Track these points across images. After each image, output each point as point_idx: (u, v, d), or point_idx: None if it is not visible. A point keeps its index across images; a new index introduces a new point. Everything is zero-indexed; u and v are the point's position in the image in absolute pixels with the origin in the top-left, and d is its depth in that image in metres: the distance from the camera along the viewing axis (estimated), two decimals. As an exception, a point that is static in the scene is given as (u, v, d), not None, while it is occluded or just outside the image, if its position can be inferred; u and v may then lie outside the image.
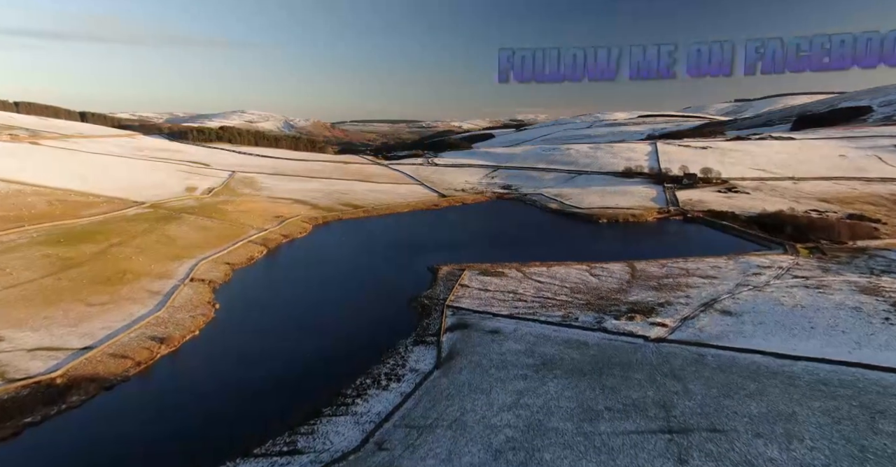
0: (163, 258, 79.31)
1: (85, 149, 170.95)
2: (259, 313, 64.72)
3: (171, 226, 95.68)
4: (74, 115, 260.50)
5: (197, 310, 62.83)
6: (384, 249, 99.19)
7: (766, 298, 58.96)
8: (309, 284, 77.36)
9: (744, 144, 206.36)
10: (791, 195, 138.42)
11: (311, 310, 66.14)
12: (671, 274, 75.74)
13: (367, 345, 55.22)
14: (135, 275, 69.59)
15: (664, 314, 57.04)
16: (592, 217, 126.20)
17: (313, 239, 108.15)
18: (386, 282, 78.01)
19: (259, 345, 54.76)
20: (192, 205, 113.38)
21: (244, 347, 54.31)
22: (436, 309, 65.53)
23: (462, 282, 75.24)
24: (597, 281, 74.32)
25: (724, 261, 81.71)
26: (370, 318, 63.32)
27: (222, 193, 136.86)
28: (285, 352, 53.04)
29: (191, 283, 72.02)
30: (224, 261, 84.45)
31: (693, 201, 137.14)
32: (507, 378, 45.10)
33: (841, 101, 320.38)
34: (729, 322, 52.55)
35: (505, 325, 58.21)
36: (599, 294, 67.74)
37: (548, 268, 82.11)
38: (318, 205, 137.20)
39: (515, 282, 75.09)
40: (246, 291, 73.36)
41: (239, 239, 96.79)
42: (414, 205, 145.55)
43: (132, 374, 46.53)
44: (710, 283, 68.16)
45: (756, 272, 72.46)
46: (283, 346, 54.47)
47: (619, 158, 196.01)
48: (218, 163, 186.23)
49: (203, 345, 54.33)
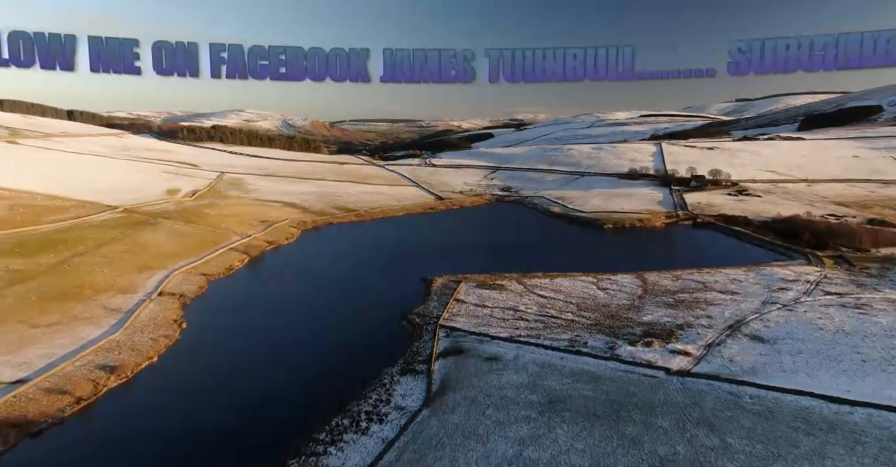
0: (130, 269, 72.54)
1: (66, 148, 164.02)
2: (230, 334, 57.92)
3: (144, 232, 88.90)
4: (62, 113, 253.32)
5: (160, 330, 56.05)
6: (375, 257, 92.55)
7: (800, 320, 52.22)
8: (290, 298, 70.60)
9: (752, 145, 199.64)
10: (805, 198, 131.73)
11: (289, 330, 59.35)
12: (687, 288, 69.02)
13: (348, 374, 48.59)
14: (94, 291, 62.79)
15: (685, 339, 50.30)
16: (597, 222, 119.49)
17: (300, 246, 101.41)
18: (375, 296, 71.32)
19: (224, 375, 48.03)
20: (172, 210, 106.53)
21: (207, 377, 47.56)
22: (428, 329, 58.83)
23: (458, 297, 68.55)
24: (605, 296, 67.59)
25: (744, 272, 75.00)
26: (355, 340, 56.62)
27: (207, 196, 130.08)
28: (254, 384, 46.32)
29: (158, 298, 65.24)
30: (200, 272, 77.69)
31: (702, 205, 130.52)
32: (507, 421, 38.36)
33: (848, 100, 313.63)
34: (762, 351, 45.80)
35: (504, 351, 51.49)
36: (609, 312, 60.99)
37: (551, 280, 75.44)
38: (308, 208, 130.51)
39: (516, 296, 68.38)
40: (219, 307, 66.58)
41: (219, 246, 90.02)
42: (409, 209, 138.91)
43: (68, 415, 39.71)
44: (733, 300, 61.41)
45: (782, 287, 65.73)
46: (252, 376, 47.75)
47: (622, 159, 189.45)
48: (206, 164, 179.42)
49: (159, 375, 47.55)
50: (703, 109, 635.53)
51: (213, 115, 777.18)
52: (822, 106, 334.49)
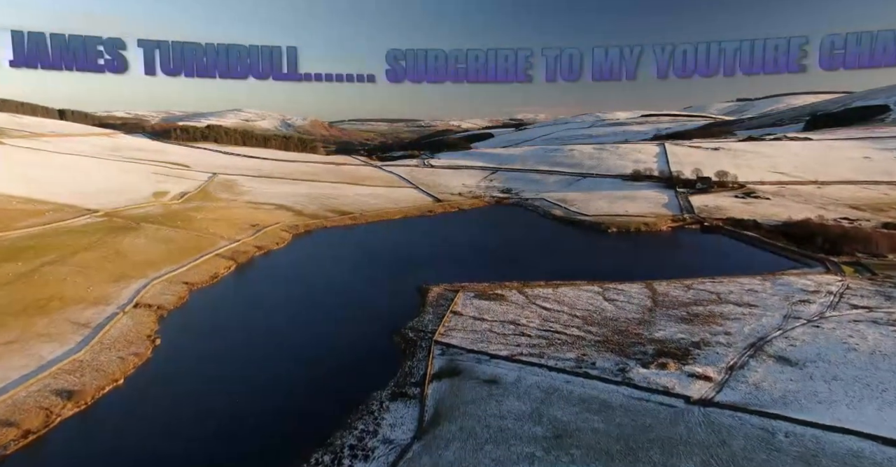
0: (105, 278, 67.97)
1: (53, 148, 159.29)
2: (206, 351, 53.36)
3: (125, 238, 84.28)
4: (53, 112, 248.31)
5: (130, 347, 51.50)
6: (369, 264, 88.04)
7: (829, 339, 47.70)
8: (275, 309, 66.03)
9: (758, 145, 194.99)
10: (816, 201, 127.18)
11: (272, 346, 54.80)
12: (700, 299, 64.46)
13: (334, 398, 44.18)
14: (62, 303, 58.22)
15: (703, 359, 45.74)
16: (601, 226, 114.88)
17: (291, 251, 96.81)
18: (367, 307, 66.83)
19: (194, 401, 43.52)
20: (157, 213, 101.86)
21: (176, 404, 43.01)
22: (422, 345, 54.32)
23: (454, 309, 64.03)
24: (612, 308, 63.04)
25: (760, 282, 70.45)
26: (343, 358, 52.14)
27: (196, 198, 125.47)
28: (228, 411, 41.78)
29: (133, 311, 60.69)
30: (181, 281, 73.13)
31: (709, 208, 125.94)
32: (508, 459, 33.86)
33: (853, 100, 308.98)
34: (791, 375, 41.25)
35: (505, 372, 46.97)
36: (617, 327, 56.44)
37: (554, 290, 70.92)
38: (301, 211, 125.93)
39: (517, 308, 63.85)
40: (199, 320, 62.02)
41: (204, 252, 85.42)
42: (406, 212, 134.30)
43: (11, 452, 35.14)
44: (751, 314, 56.84)
45: (803, 299, 61.17)
46: (228, 401, 43.19)
47: (626, 160, 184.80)
48: (199, 165, 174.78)
49: (123, 401, 42.98)
50: (704, 109, 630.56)
51: (212, 114, 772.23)
52: (826, 105, 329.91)
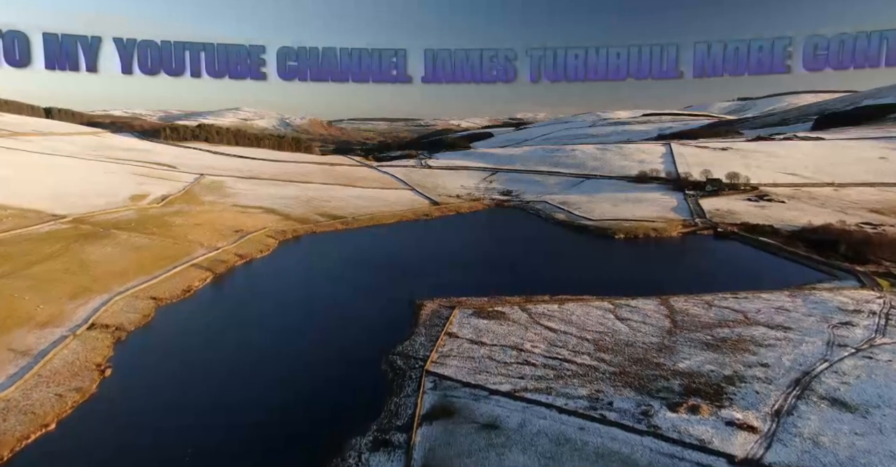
0: (62, 294, 61.08)
1: (33, 148, 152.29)
2: (165, 383, 46.52)
3: (92, 247, 77.38)
4: (39, 110, 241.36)
5: (73, 381, 44.62)
6: (358, 274, 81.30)
7: (890, 376, 40.85)
8: (249, 330, 59.12)
9: (768, 145, 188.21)
10: (835, 204, 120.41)
11: (239, 377, 47.92)
12: (724, 319, 57.61)
13: (304, 446, 37.41)
14: (4, 325, 51.29)
15: (741, 401, 38.87)
16: (607, 231, 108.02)
17: (275, 260, 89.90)
18: (352, 326, 60.01)
19: (137, 451, 36.60)
20: (131, 218, 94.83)
21: (118, 457, 36.13)
22: (411, 376, 47.52)
23: (450, 330, 57.23)
24: (626, 329, 56.20)
25: (789, 298, 63.63)
26: (321, 392, 45.45)
27: (178, 202, 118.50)
28: (175, 465, 34.95)
29: (86, 334, 53.78)
30: (149, 295, 66.27)
31: (721, 212, 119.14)
32: (511, 542, 27.00)
33: (862, 98, 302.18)
34: (855, 426, 34.37)
35: (507, 413, 40.13)
36: (634, 354, 49.60)
37: (559, 307, 64.10)
38: (290, 215, 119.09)
39: (519, 328, 57.02)
40: (162, 343, 55.14)
41: (179, 262, 78.58)
42: (401, 215, 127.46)
43: None
44: (787, 340, 49.97)
45: (843, 321, 54.29)
46: (176, 452, 36.35)
47: (630, 160, 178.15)
48: (186, 165, 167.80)
49: (48, 455, 36.05)
50: (705, 108, 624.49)
51: (210, 113, 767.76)
52: (833, 104, 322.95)
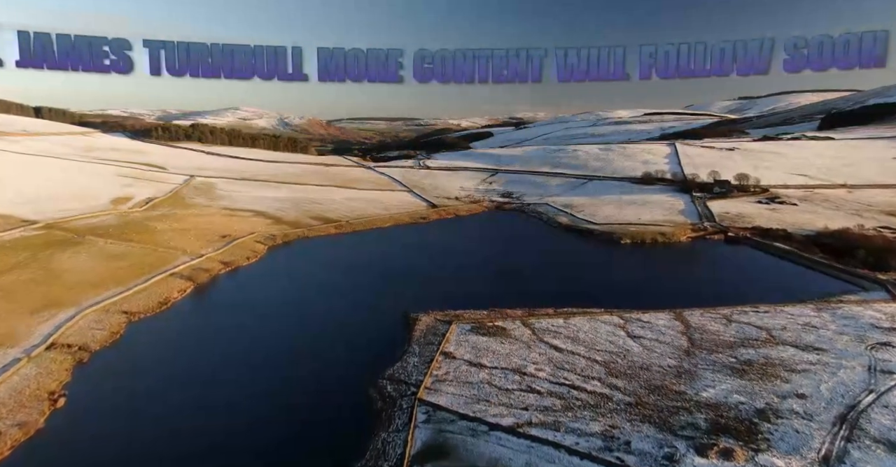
0: (23, 309, 56.10)
1: (17, 149, 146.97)
2: (123, 414, 41.46)
3: (63, 255, 72.35)
4: (28, 110, 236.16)
5: (18, 414, 39.57)
6: (349, 283, 76.48)
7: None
8: (226, 348, 54.15)
9: (776, 145, 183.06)
10: (849, 207, 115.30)
11: (207, 408, 42.86)
12: (747, 337, 52.56)
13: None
14: (-50, 347, 46.22)
15: (780, 442, 33.80)
16: (612, 236, 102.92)
17: (262, 267, 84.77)
18: (340, 345, 55.11)
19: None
20: (110, 224, 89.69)
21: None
22: (402, 405, 42.53)
23: (446, 349, 52.25)
24: (639, 349, 51.15)
25: (814, 312, 58.57)
26: (297, 426, 40.41)
27: (164, 205, 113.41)
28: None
29: (43, 355, 48.81)
30: (121, 309, 61.27)
31: (731, 215, 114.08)
32: None
33: (868, 97, 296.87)
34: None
35: (510, 454, 35.16)
36: (651, 380, 44.54)
37: (565, 321, 59.11)
38: (282, 218, 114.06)
39: (522, 347, 52.02)
40: (127, 365, 49.99)
41: (158, 271, 73.55)
42: (397, 218, 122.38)
43: None
44: (821, 363, 44.93)
45: (881, 340, 49.22)
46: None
47: (634, 161, 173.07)
48: (177, 166, 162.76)
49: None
50: (706, 107, 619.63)
51: (209, 113, 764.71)
52: (838, 103, 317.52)
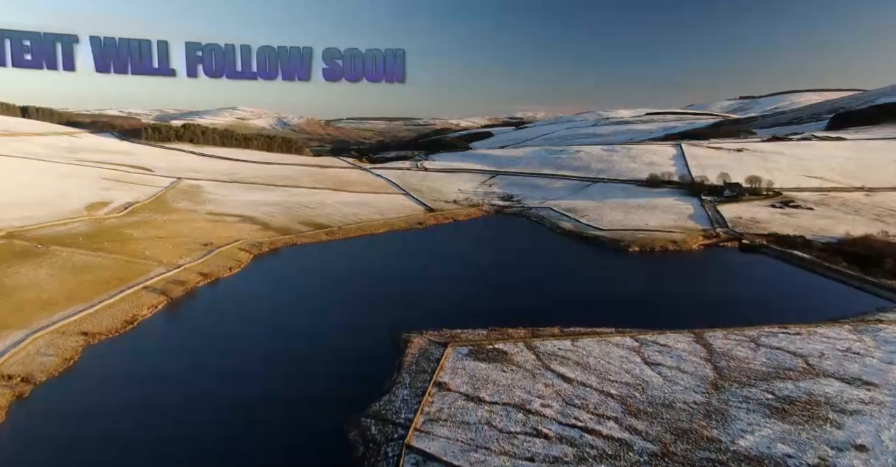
0: (-35, 333, 49.87)
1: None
2: (63, 464, 35.39)
3: (22, 267, 66.31)
4: (14, 109, 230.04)
5: (-67, 468, 33.43)
6: (337, 297, 70.88)
7: None
8: (195, 376, 48.09)
9: (786, 146, 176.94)
10: (869, 211, 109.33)
11: (165, 453, 36.76)
12: (781, 366, 46.49)
13: None
14: None
15: (841, 513, 27.69)
16: (619, 243, 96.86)
17: (244, 279, 78.66)
18: (320, 374, 49.18)
19: None
20: (79, 232, 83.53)
21: None
22: (388, 452, 36.58)
23: (440, 379, 46.29)
24: (659, 379, 45.09)
25: (852, 334, 52.51)
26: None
27: (145, 210, 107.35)
28: None
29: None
30: (80, 330, 55.32)
31: (744, 220, 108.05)
32: None
33: (875, 96, 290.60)
34: None
35: (512, 525, 28.99)
36: (676, 420, 38.43)
37: (573, 343, 53.14)
38: (270, 224, 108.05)
39: (526, 377, 46.00)
40: (75, 401, 43.89)
41: (128, 285, 67.58)
42: (393, 224, 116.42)
43: None
44: (875, 402, 38.89)
45: (937, 373, 43.20)
46: None
47: (639, 163, 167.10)
48: (164, 168, 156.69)
49: None
50: (707, 107, 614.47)
51: (207, 113, 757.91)
52: (846, 103, 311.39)
